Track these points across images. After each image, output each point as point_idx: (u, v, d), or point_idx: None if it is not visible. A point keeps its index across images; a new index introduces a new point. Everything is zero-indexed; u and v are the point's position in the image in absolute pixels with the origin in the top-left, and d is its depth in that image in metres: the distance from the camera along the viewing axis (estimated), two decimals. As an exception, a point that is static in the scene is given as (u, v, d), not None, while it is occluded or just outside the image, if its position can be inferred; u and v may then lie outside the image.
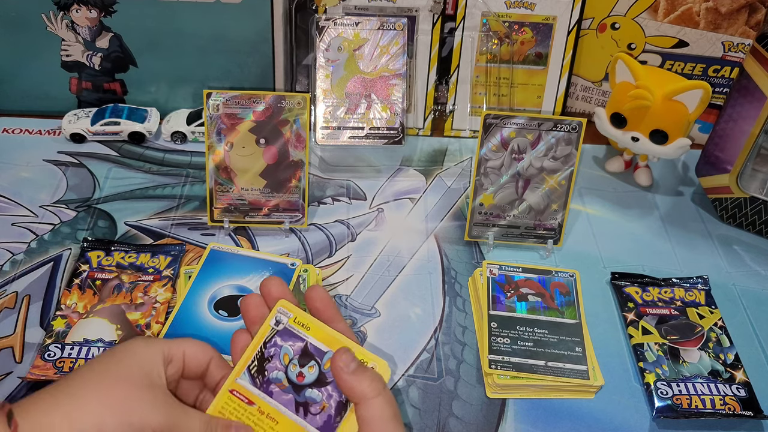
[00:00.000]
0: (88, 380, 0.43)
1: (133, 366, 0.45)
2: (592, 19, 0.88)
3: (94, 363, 0.45)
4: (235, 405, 0.49)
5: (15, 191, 0.79)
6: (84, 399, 0.42)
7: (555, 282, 0.69)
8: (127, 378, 0.44)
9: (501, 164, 0.73)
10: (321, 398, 0.48)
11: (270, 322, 0.50)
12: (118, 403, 0.42)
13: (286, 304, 0.50)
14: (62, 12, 0.83)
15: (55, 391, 0.43)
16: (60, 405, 0.42)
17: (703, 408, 0.60)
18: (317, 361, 0.49)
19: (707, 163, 0.81)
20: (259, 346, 0.49)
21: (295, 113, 0.72)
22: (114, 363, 0.45)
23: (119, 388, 0.43)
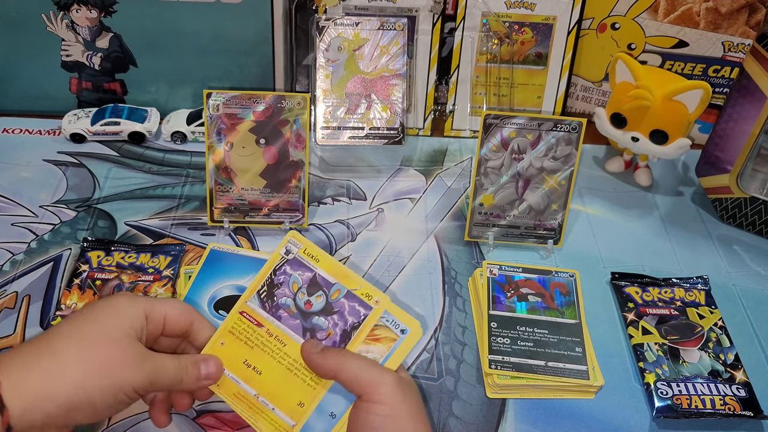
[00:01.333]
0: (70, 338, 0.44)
1: (115, 323, 0.45)
2: (592, 19, 0.88)
3: (76, 319, 0.45)
4: (245, 326, 0.52)
5: (15, 191, 0.79)
6: (66, 358, 0.42)
7: (555, 282, 0.69)
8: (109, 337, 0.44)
9: (501, 164, 0.73)
10: (327, 326, 0.51)
11: (280, 251, 0.52)
12: (100, 363, 0.43)
13: (296, 235, 0.52)
14: (62, 12, 0.83)
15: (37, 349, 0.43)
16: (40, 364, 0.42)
17: (703, 408, 0.60)
18: (325, 292, 0.52)
19: (707, 163, 0.81)
20: (269, 272, 0.52)
21: (295, 113, 0.72)
22: (95, 320, 0.45)
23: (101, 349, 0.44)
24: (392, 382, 0.48)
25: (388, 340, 0.51)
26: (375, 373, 0.48)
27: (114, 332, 0.45)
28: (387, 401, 0.47)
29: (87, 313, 0.46)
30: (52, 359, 0.42)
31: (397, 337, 0.51)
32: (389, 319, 0.52)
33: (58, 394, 0.41)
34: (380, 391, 0.47)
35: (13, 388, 0.40)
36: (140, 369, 0.45)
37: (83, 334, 0.44)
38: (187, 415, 0.59)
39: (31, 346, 0.43)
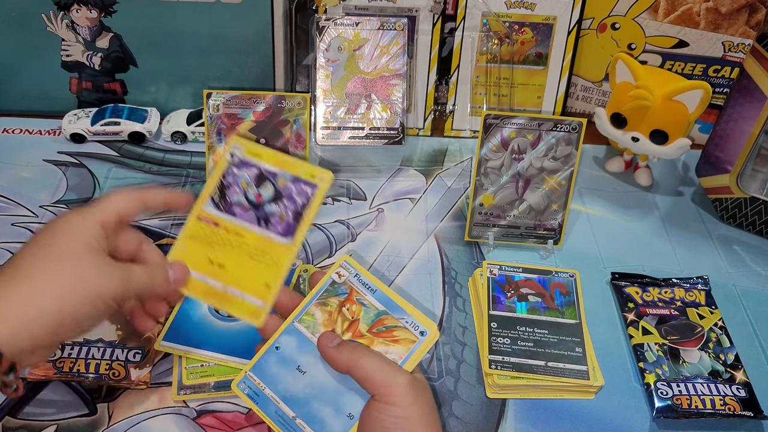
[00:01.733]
0: (36, 261, 0.44)
1: (75, 239, 0.46)
2: (592, 19, 0.88)
3: (35, 243, 0.46)
4: (203, 228, 0.55)
5: (15, 191, 0.79)
6: (39, 279, 0.43)
7: (555, 282, 0.69)
8: (74, 252, 0.45)
9: (501, 164, 0.73)
10: (278, 210, 0.54)
11: (225, 157, 0.56)
12: (73, 278, 0.44)
13: (237, 140, 0.55)
14: (62, 12, 0.83)
15: (4, 278, 0.43)
16: (15, 290, 0.43)
17: (703, 408, 0.60)
18: (271, 181, 0.55)
19: (707, 163, 0.81)
20: (219, 177, 0.55)
21: (295, 113, 0.72)
22: (57, 240, 0.46)
23: (69, 264, 0.44)
24: (406, 384, 0.48)
25: (408, 342, 0.52)
26: (389, 372, 0.48)
27: (77, 249, 0.45)
28: (399, 402, 0.47)
29: (46, 237, 0.46)
30: (26, 283, 0.43)
31: (416, 339, 0.52)
32: (409, 320, 0.53)
33: (41, 315, 0.42)
34: (393, 392, 0.47)
35: None
36: (111, 277, 0.46)
37: (49, 256, 0.45)
38: (187, 415, 0.59)
39: (5, 274, 0.44)
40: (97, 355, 0.61)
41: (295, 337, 0.53)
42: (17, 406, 0.58)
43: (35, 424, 0.57)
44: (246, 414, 0.59)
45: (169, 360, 0.62)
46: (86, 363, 0.60)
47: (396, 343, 0.52)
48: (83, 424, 0.58)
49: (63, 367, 0.59)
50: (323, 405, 0.51)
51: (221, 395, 0.60)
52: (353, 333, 0.52)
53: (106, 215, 0.49)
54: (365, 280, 0.55)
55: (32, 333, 0.42)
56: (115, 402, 0.59)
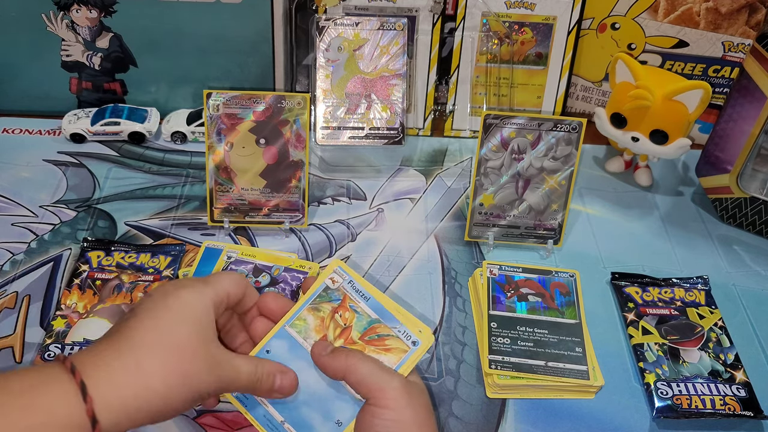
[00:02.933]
0: (153, 349, 0.44)
1: (192, 324, 0.45)
2: (592, 19, 0.88)
3: (155, 323, 0.45)
4: None
5: (15, 191, 0.79)
6: (151, 371, 0.43)
7: (555, 282, 0.69)
8: (189, 346, 0.45)
9: (501, 164, 0.73)
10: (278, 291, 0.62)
11: (223, 258, 0.69)
12: (183, 376, 0.44)
13: (232, 247, 0.69)
14: (62, 12, 0.83)
15: (122, 361, 0.43)
16: (130, 379, 0.42)
17: (703, 408, 0.60)
18: (268, 272, 0.68)
19: (707, 163, 0.81)
20: None
21: (295, 113, 0.72)
22: (173, 323, 0.45)
23: (183, 360, 0.44)
24: (399, 387, 0.48)
25: (399, 351, 0.51)
26: (382, 376, 0.48)
27: (194, 337, 0.45)
28: (392, 405, 0.47)
29: (164, 314, 0.45)
30: (139, 372, 0.43)
31: (408, 349, 0.52)
32: (401, 329, 0.52)
33: (146, 406, 0.42)
34: (386, 395, 0.47)
35: (104, 402, 0.41)
36: (218, 377, 0.46)
37: (165, 342, 0.44)
38: (187, 415, 0.59)
39: (113, 354, 0.43)
40: (97, 355, 0.60)
41: (286, 342, 0.52)
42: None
43: (35, 424, 0.57)
44: (246, 414, 0.59)
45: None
46: (86, 363, 0.60)
47: (388, 352, 0.51)
48: (83, 424, 0.57)
49: (63, 367, 0.59)
50: (312, 410, 0.51)
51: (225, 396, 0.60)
52: (345, 340, 0.52)
53: (219, 297, 0.48)
54: (359, 286, 0.54)
55: (132, 421, 0.42)
56: (115, 402, 0.59)
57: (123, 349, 0.43)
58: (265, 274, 0.68)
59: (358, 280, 0.54)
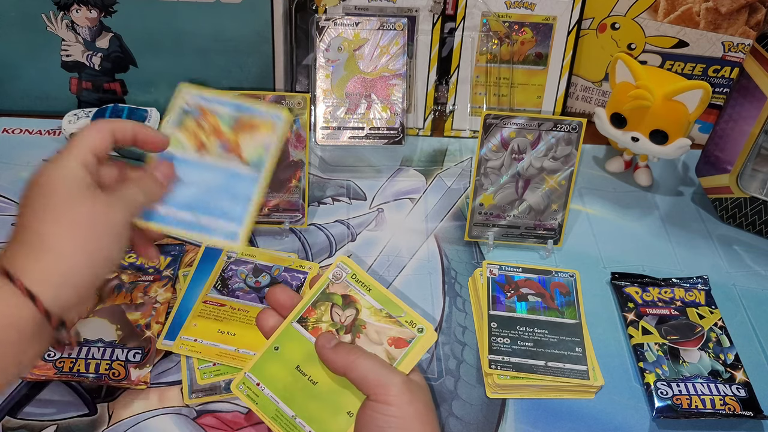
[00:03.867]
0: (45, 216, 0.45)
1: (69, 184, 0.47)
2: (592, 19, 0.88)
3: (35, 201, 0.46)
4: (210, 308, 0.65)
5: (15, 191, 0.79)
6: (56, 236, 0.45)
7: (555, 282, 0.69)
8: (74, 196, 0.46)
9: (501, 164, 0.73)
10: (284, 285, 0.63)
11: (223, 258, 0.70)
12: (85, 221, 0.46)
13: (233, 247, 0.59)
14: (62, 12, 0.83)
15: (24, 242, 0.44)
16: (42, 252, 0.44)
17: (703, 408, 0.60)
18: (268, 272, 0.69)
19: (707, 163, 0.81)
20: (219, 272, 0.68)
21: (295, 113, 0.72)
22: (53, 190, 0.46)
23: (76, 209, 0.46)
24: (400, 384, 0.48)
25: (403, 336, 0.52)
26: (384, 373, 0.48)
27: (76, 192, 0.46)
28: (395, 402, 0.47)
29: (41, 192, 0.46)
30: (52, 255, 0.44)
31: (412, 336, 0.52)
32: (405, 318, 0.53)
33: (77, 272, 0.44)
34: (388, 391, 0.47)
35: (34, 280, 0.43)
36: (114, 205, 0.48)
37: (56, 207, 0.45)
38: (187, 415, 0.59)
39: (24, 247, 0.44)
40: (97, 355, 0.60)
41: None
42: (17, 406, 0.58)
43: (35, 424, 0.57)
44: (246, 414, 0.59)
45: (170, 360, 0.63)
46: (86, 363, 0.60)
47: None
48: (83, 424, 0.58)
49: (63, 367, 0.59)
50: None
51: (231, 396, 0.60)
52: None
53: (83, 154, 0.48)
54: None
55: (74, 285, 0.44)
56: (115, 402, 0.59)
57: (29, 240, 0.45)
58: (265, 274, 0.69)
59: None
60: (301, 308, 0.54)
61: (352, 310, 0.53)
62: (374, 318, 0.53)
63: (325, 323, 0.53)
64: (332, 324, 0.53)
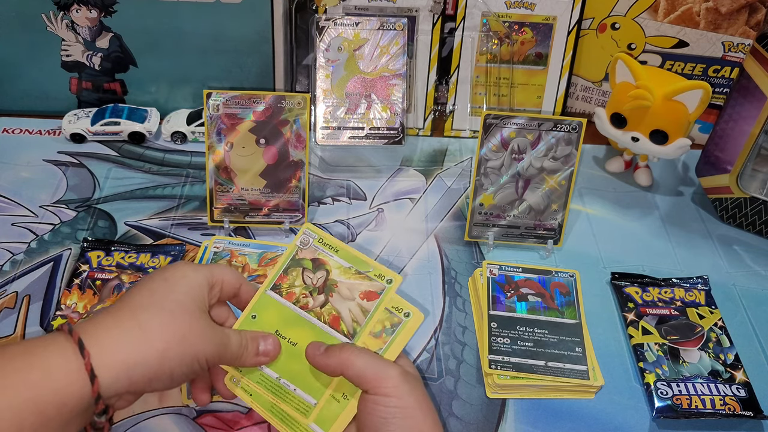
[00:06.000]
0: (151, 310, 0.45)
1: (189, 294, 0.47)
2: (592, 19, 0.88)
3: (152, 290, 0.47)
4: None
5: (15, 191, 0.79)
6: (150, 329, 0.44)
7: (555, 282, 0.69)
8: (186, 308, 0.46)
9: (501, 164, 0.73)
10: None
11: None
12: (181, 334, 0.45)
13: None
14: (62, 12, 0.83)
15: (120, 321, 0.44)
16: (128, 335, 0.43)
17: (703, 408, 0.60)
18: None
19: (707, 163, 0.81)
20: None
21: (295, 113, 0.72)
22: (171, 291, 0.47)
23: (181, 320, 0.46)
24: (398, 376, 0.48)
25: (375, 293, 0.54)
26: (381, 367, 0.49)
27: (189, 303, 0.47)
28: (394, 393, 0.48)
29: (160, 283, 0.47)
30: (138, 330, 0.44)
31: (384, 287, 0.54)
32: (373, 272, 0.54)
33: (144, 364, 0.43)
34: (387, 383, 0.48)
35: (103, 358, 0.42)
36: (211, 341, 0.47)
37: (162, 305, 0.46)
38: (187, 414, 0.59)
39: (112, 317, 0.44)
40: (97, 355, 0.60)
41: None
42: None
43: (35, 424, 0.57)
44: (246, 414, 0.59)
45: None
46: (86, 363, 0.60)
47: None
48: (83, 424, 0.58)
49: (63, 367, 0.59)
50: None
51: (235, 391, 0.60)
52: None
53: (215, 279, 0.50)
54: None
55: (131, 380, 0.43)
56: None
57: (122, 313, 0.45)
58: None
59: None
60: (273, 276, 0.54)
61: (322, 272, 0.55)
62: (344, 276, 0.55)
63: (298, 287, 0.54)
64: (305, 287, 0.54)
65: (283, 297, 0.54)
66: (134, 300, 0.46)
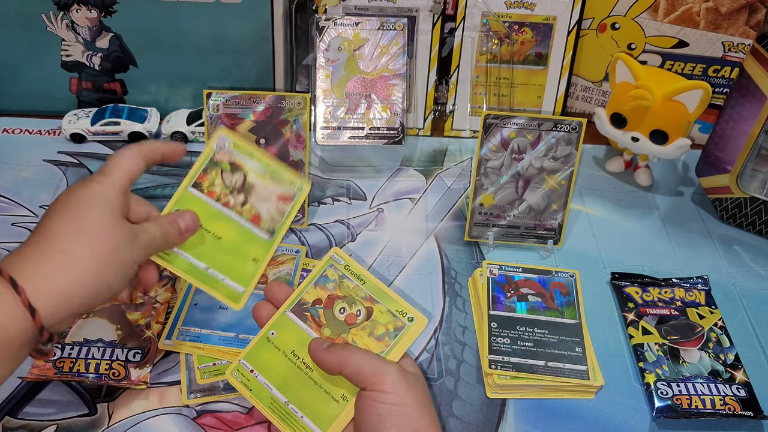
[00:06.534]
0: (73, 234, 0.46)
1: (104, 209, 0.48)
2: (592, 19, 0.88)
3: (64, 213, 0.47)
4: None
5: (15, 191, 0.79)
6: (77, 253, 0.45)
7: (555, 282, 0.69)
8: (106, 223, 0.47)
9: (501, 164, 0.73)
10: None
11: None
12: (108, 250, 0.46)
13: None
14: (62, 12, 0.83)
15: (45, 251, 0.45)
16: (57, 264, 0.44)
17: (703, 408, 0.60)
18: None
19: (707, 163, 0.81)
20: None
21: (295, 113, 0.72)
22: (86, 211, 0.47)
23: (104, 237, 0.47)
24: (395, 372, 0.49)
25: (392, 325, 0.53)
26: (379, 364, 0.49)
27: (108, 220, 0.47)
28: (391, 390, 0.48)
29: (74, 208, 0.47)
30: (65, 257, 0.44)
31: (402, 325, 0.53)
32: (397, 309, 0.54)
33: (81, 288, 0.44)
34: (384, 380, 0.48)
35: (38, 291, 0.42)
36: (136, 243, 0.48)
37: (82, 227, 0.46)
38: (187, 415, 0.59)
39: (36, 250, 0.45)
40: (97, 355, 0.60)
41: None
42: (17, 406, 0.58)
43: (35, 424, 0.57)
44: (246, 414, 0.59)
45: (170, 360, 0.63)
46: (86, 363, 0.60)
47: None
48: (83, 424, 0.58)
49: (63, 367, 0.59)
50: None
51: (229, 396, 0.60)
52: None
53: (121, 180, 0.50)
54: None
55: (72, 305, 0.44)
56: (115, 402, 0.59)
57: (44, 243, 0.45)
58: None
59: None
60: (193, 174, 0.56)
61: (240, 174, 0.57)
62: (260, 180, 0.57)
63: (218, 186, 0.56)
64: (224, 186, 0.56)
65: (204, 194, 0.56)
66: (53, 229, 0.46)
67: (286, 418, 0.51)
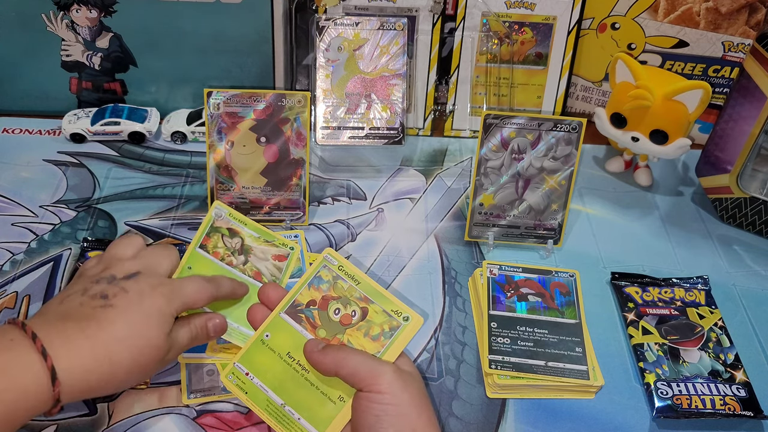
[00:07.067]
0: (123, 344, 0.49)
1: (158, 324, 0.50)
2: (592, 19, 0.88)
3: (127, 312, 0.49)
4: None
5: (15, 191, 0.79)
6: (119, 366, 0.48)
7: (555, 282, 0.69)
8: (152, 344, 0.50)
9: (501, 164, 0.73)
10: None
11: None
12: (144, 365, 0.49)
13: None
14: (62, 12, 0.83)
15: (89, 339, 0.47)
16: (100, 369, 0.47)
17: (703, 408, 0.60)
18: None
19: (707, 163, 0.81)
20: None
21: (295, 111, 0.72)
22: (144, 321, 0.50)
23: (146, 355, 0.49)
24: (391, 372, 0.49)
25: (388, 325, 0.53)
26: (374, 365, 0.49)
27: (161, 338, 0.50)
28: (387, 390, 0.48)
29: (138, 317, 0.49)
30: (108, 366, 0.47)
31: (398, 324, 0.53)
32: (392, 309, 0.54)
33: (106, 388, 0.48)
34: (380, 381, 0.48)
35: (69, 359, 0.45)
36: (169, 355, 0.52)
37: (135, 342, 0.49)
38: (187, 415, 0.59)
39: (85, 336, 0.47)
40: (97, 355, 0.60)
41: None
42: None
43: (35, 424, 0.57)
44: (246, 414, 0.59)
45: (169, 360, 0.63)
46: (86, 363, 0.60)
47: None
48: (83, 424, 0.58)
49: (63, 367, 0.59)
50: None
51: (229, 396, 0.60)
52: None
53: (182, 307, 0.53)
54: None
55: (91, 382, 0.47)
56: (115, 402, 0.59)
57: (96, 337, 0.47)
58: None
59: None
60: (198, 237, 0.61)
61: (237, 239, 0.62)
62: (256, 243, 0.63)
63: (221, 248, 0.61)
64: (226, 249, 0.62)
65: (210, 254, 0.61)
66: (110, 327, 0.48)
67: (283, 420, 0.51)
